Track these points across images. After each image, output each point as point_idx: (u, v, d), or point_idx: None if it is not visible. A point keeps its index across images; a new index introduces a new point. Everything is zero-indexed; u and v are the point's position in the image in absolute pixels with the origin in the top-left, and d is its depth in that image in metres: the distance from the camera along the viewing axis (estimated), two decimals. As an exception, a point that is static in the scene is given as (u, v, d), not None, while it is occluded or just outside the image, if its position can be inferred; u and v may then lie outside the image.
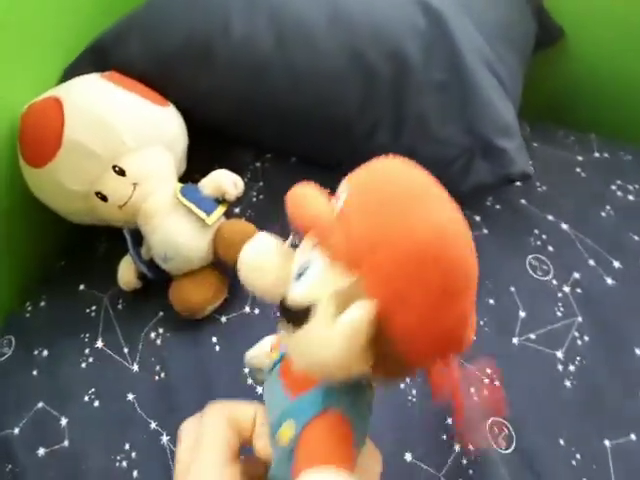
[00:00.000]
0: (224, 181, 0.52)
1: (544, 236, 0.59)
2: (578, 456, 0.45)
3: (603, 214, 0.62)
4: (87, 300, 0.59)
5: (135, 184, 0.51)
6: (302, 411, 0.24)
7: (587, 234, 0.59)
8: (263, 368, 0.31)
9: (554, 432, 0.46)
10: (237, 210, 0.63)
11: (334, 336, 0.20)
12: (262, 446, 0.26)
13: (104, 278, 0.58)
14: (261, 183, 0.67)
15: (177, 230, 0.51)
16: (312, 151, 0.65)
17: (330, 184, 0.25)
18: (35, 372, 0.54)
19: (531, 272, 0.56)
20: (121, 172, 0.50)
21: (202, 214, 0.51)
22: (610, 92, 0.80)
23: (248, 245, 0.26)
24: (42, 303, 0.60)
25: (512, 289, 0.55)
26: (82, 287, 0.60)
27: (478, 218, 0.62)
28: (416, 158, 0.23)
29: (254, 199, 0.65)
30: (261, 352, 0.32)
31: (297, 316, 0.21)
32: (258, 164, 0.69)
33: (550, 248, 0.58)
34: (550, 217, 0.61)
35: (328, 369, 0.21)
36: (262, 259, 0.25)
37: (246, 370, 0.49)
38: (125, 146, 0.50)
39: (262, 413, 0.27)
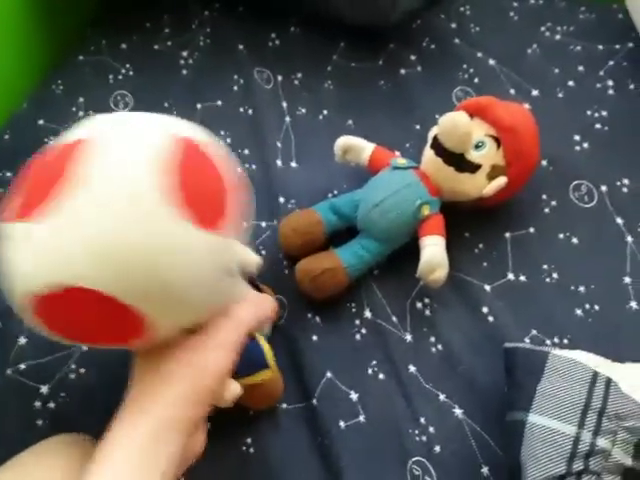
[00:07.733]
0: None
1: (472, 70, 0.64)
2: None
3: (529, 51, 0.65)
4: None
5: None
6: (435, 206, 0.48)
7: (511, 68, 0.63)
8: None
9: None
10: (185, 53, 0.66)
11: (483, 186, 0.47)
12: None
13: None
14: (208, 29, 0.69)
15: None
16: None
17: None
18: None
19: (455, 101, 0.61)
20: None
21: None
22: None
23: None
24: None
25: (436, 116, 0.60)
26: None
27: (414, 57, 0.66)
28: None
29: (201, 43, 0.68)
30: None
31: (468, 167, 0.46)
32: (206, 13, 0.71)
33: (476, 80, 0.63)
34: (479, 54, 0.65)
35: (468, 197, 0.48)
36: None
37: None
38: None
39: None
